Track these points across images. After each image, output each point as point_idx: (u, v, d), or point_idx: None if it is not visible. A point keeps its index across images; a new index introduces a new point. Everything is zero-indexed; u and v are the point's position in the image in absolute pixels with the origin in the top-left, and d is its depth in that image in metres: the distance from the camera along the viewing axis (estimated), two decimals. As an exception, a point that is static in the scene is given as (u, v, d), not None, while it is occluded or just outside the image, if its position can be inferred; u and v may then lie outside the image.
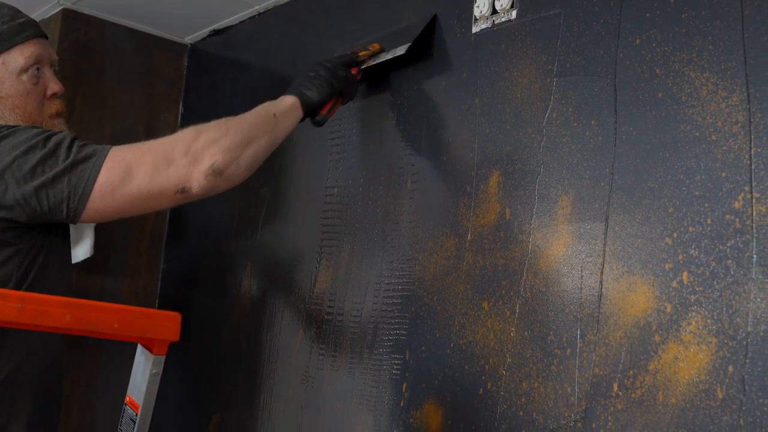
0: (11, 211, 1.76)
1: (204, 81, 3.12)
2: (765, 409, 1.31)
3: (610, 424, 1.51)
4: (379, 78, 2.18)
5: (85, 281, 2.93)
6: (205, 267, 2.92)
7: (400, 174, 2.10)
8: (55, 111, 2.03)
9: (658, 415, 1.44)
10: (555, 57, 1.76)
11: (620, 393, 1.51)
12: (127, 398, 1.51)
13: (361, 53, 2.15)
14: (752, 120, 1.41)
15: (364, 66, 2.16)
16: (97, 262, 2.88)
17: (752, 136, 1.40)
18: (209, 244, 2.90)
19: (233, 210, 2.78)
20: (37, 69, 1.99)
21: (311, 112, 2.05)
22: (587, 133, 1.67)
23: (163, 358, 1.49)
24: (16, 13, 2.02)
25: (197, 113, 3.12)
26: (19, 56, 1.96)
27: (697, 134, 1.48)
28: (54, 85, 2.03)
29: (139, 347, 1.49)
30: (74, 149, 1.77)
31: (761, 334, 1.33)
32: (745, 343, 1.35)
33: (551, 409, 1.62)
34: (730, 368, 1.36)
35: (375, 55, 2.16)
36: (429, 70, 2.08)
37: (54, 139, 1.79)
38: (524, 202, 1.77)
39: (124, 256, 3.06)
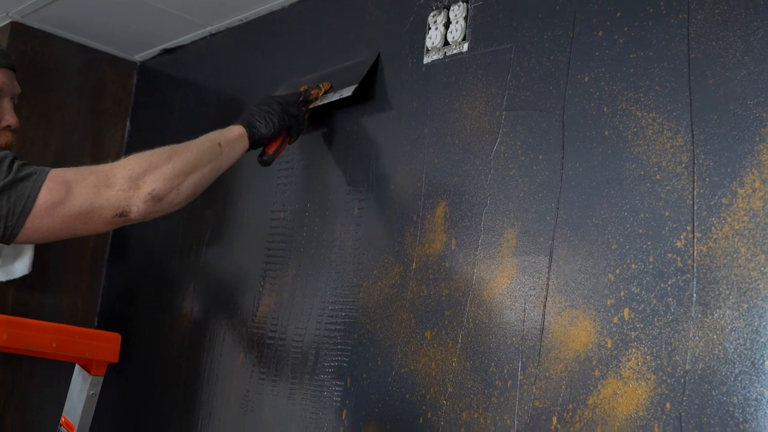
0: None
1: (153, 99, 3.10)
2: (700, 446, 1.32)
3: (548, 457, 1.52)
4: (329, 105, 2.19)
5: (24, 298, 2.89)
6: (147, 286, 2.90)
7: (347, 200, 2.10)
8: (4, 142, 1.99)
9: (596, 449, 1.45)
10: (505, 91, 1.78)
11: (559, 426, 1.52)
12: (63, 419, 1.49)
13: (313, 91, 2.16)
14: (696, 161, 1.43)
15: (311, 105, 2.17)
16: (37, 279, 2.84)
17: (695, 177, 1.42)
18: (152, 263, 2.88)
19: (177, 229, 2.76)
20: None
21: (257, 144, 2.05)
22: (534, 168, 1.68)
23: (101, 378, 1.48)
24: None
25: (145, 131, 3.10)
26: None
27: (642, 173, 1.50)
28: (10, 118, 2.00)
29: (77, 367, 1.47)
30: (15, 168, 1.74)
31: (699, 372, 1.35)
32: (683, 380, 1.37)
33: (490, 440, 1.63)
34: (668, 405, 1.38)
35: (324, 94, 2.17)
36: (380, 98, 2.09)
37: None
38: (470, 233, 1.78)
39: (65, 273, 3.02)
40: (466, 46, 1.89)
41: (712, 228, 1.38)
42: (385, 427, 1.86)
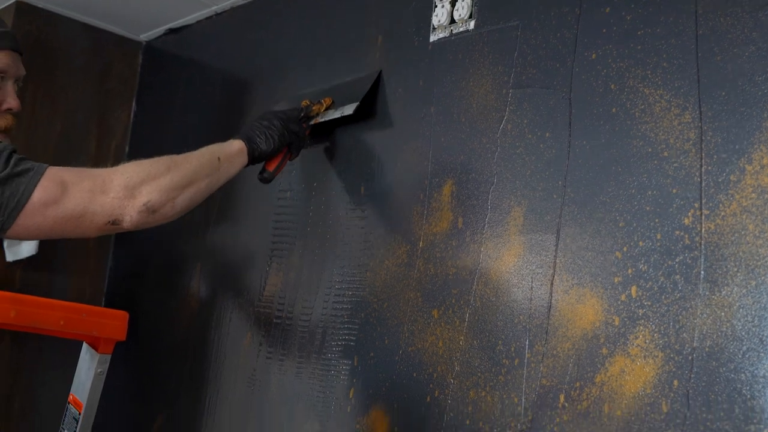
0: None
1: (158, 79, 3.09)
2: (708, 424, 1.32)
3: (555, 434, 1.53)
4: (330, 121, 2.17)
5: (31, 278, 2.89)
6: (154, 266, 2.90)
7: (353, 179, 2.10)
8: (5, 125, 1.96)
9: (604, 427, 1.45)
10: (512, 68, 1.78)
11: (566, 404, 1.52)
12: (71, 397, 1.49)
13: (314, 107, 2.14)
14: (703, 138, 1.42)
15: (313, 122, 2.15)
16: (44, 259, 2.84)
17: (703, 154, 1.42)
18: (159, 243, 2.88)
19: (184, 210, 2.76)
20: (1, 79, 1.95)
21: (257, 160, 2.03)
22: (541, 146, 1.68)
23: (108, 356, 1.48)
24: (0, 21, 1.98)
25: (151, 111, 3.10)
26: None
27: (650, 150, 1.50)
28: (12, 101, 1.97)
29: (85, 345, 1.48)
30: (12, 162, 1.71)
31: (706, 349, 1.35)
32: (690, 358, 1.37)
33: (498, 418, 1.63)
34: (676, 383, 1.37)
35: (326, 110, 2.15)
36: (386, 77, 2.08)
37: None
38: (477, 211, 1.78)
39: (72, 254, 3.03)
40: (472, 24, 1.89)
41: (720, 205, 1.38)
42: (392, 406, 1.86)
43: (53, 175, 1.72)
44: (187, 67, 2.92)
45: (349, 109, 2.07)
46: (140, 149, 3.10)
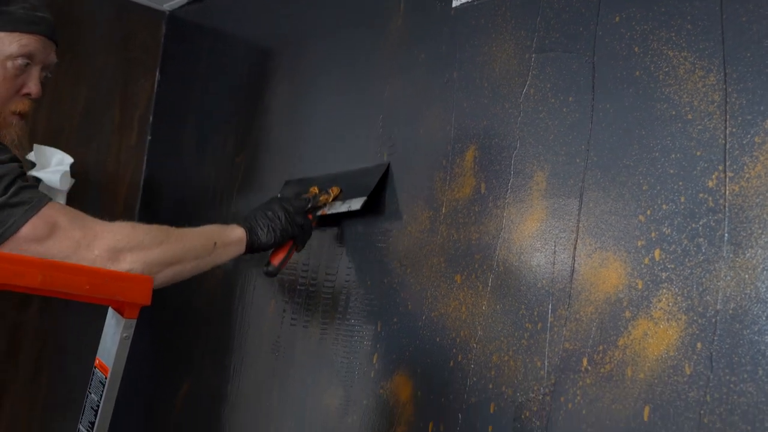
0: None
1: (181, 48, 3.10)
2: (731, 385, 1.32)
3: (578, 398, 1.53)
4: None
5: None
6: (178, 236, 2.91)
7: (376, 146, 2.10)
8: (20, 110, 1.95)
9: (626, 389, 1.46)
10: (534, 33, 1.77)
11: (589, 368, 1.52)
12: (97, 361, 1.51)
13: (322, 198, 2.09)
14: (728, 100, 1.41)
15: (319, 213, 2.11)
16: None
17: (728, 116, 1.41)
18: (183, 213, 2.89)
19: (208, 179, 2.77)
20: (27, 64, 1.95)
21: (255, 251, 2.01)
22: (564, 110, 1.67)
23: (134, 321, 1.49)
24: (40, 6, 1.97)
25: (174, 81, 3.10)
26: (14, 42, 1.90)
27: (674, 113, 1.49)
28: (33, 87, 1.96)
29: (110, 310, 1.49)
30: (12, 189, 1.70)
31: (730, 312, 1.35)
32: (714, 320, 1.36)
33: (521, 382, 1.64)
34: (699, 345, 1.37)
35: (334, 199, 2.10)
36: (408, 42, 2.08)
37: None
38: (499, 176, 1.77)
39: (97, 224, 3.04)
40: (495, -11, 1.88)
41: (745, 167, 1.37)
42: (415, 371, 1.87)
43: (47, 215, 1.70)
44: (210, 37, 2.92)
45: (356, 204, 2.03)
46: (164, 119, 3.11)
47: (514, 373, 1.65)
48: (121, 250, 1.69)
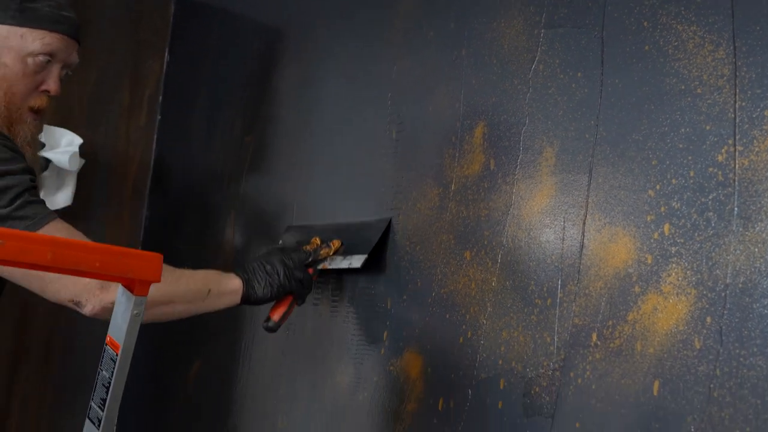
0: None
1: (191, 29, 3.10)
2: (741, 359, 1.32)
3: (588, 373, 1.53)
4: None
5: (67, 228, 2.92)
6: (188, 216, 2.92)
7: (385, 123, 2.10)
8: (37, 106, 1.97)
9: (636, 364, 1.46)
10: (543, 8, 1.76)
11: (599, 343, 1.52)
12: (108, 338, 1.51)
13: (323, 251, 2.06)
14: (738, 74, 1.41)
15: (320, 267, 2.07)
16: (79, 211, 2.87)
17: (737, 90, 1.40)
18: (193, 194, 2.90)
19: (217, 159, 2.77)
20: (48, 61, 1.96)
21: (251, 304, 1.99)
22: (573, 85, 1.67)
23: (144, 299, 1.49)
24: (65, 5, 1.99)
25: (184, 61, 3.10)
26: (37, 39, 1.92)
27: (683, 87, 1.48)
28: (52, 84, 1.98)
29: (121, 287, 1.49)
30: (19, 202, 1.72)
31: (740, 285, 1.34)
32: (723, 294, 1.36)
33: (530, 358, 1.64)
34: (708, 319, 1.37)
35: (335, 252, 2.07)
36: (416, 19, 2.07)
37: (7, 179, 1.74)
38: (509, 153, 1.77)
39: (108, 205, 3.06)
40: (503, -36, 1.87)
41: (754, 141, 1.37)
42: (425, 348, 1.87)
43: (47, 232, 1.73)
44: (219, 17, 2.92)
45: (357, 262, 2.00)
46: (173, 99, 3.11)
47: (523, 349, 1.65)
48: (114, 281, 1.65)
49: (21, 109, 1.94)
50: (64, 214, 2.78)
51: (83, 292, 1.77)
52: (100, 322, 1.75)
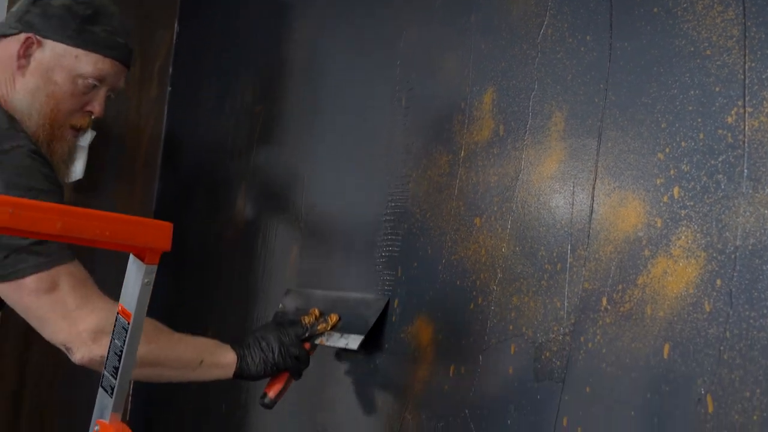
0: None
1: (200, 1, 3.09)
2: (751, 321, 1.31)
3: (598, 337, 1.53)
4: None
5: (78, 203, 2.93)
6: (200, 188, 2.93)
7: (394, 90, 2.09)
8: (79, 125, 2.02)
9: (646, 328, 1.45)
10: (552, -28, 1.75)
11: (609, 307, 1.52)
12: (119, 307, 1.51)
13: (320, 326, 2.01)
14: (747, 34, 1.40)
15: (317, 342, 2.03)
16: (90, 184, 2.88)
17: (747, 51, 1.39)
18: (204, 166, 2.90)
19: (228, 130, 2.77)
20: (96, 85, 1.98)
21: (243, 379, 1.97)
22: (582, 49, 1.66)
23: (154, 267, 1.49)
24: (122, 31, 2.02)
25: (193, 32, 3.10)
26: (91, 63, 1.96)
27: (692, 49, 1.47)
28: (97, 106, 2.02)
29: (131, 256, 1.49)
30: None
31: (749, 248, 1.34)
32: (733, 257, 1.36)
33: (540, 323, 1.64)
34: (718, 282, 1.37)
35: (332, 328, 2.03)
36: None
37: None
38: (518, 118, 1.76)
39: (120, 177, 3.06)
40: (511, -71, 1.86)
41: (764, 102, 1.36)
42: (436, 314, 1.88)
43: (56, 273, 1.76)
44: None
45: (353, 343, 1.97)
46: (184, 70, 3.11)
47: (534, 314, 1.66)
48: (107, 333, 1.63)
49: (63, 127, 1.99)
50: (75, 188, 2.80)
51: (75, 340, 1.79)
52: (109, 291, 1.76)
